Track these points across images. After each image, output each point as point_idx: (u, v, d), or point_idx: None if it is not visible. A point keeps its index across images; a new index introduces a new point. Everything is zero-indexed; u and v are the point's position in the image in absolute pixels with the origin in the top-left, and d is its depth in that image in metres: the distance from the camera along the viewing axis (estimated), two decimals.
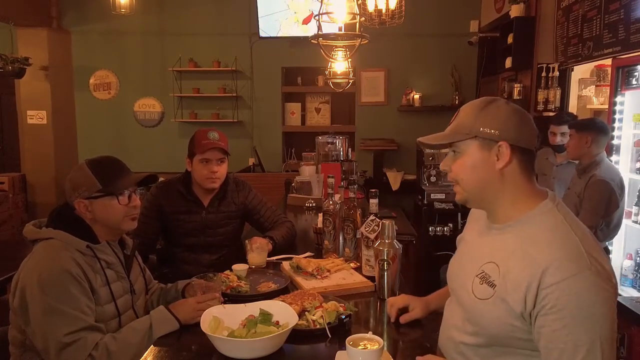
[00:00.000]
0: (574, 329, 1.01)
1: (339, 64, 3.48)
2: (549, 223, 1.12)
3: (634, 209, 2.92)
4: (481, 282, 1.17)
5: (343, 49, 2.58)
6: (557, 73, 3.83)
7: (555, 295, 1.02)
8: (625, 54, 3.01)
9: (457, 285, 1.28)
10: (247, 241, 2.15)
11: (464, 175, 1.20)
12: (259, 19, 5.59)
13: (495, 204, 1.20)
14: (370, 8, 3.29)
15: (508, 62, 4.43)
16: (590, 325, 1.01)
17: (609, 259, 1.10)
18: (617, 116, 3.00)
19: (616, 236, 3.04)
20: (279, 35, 5.66)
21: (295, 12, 5.59)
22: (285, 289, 1.79)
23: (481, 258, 1.20)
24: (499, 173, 1.16)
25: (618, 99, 2.99)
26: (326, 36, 2.23)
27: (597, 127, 2.94)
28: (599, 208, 2.79)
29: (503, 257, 1.14)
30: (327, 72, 3.82)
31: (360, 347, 1.20)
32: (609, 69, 3.27)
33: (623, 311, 2.51)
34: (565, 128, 3.31)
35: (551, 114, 3.77)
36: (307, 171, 3.89)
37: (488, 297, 1.14)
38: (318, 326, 1.42)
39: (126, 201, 1.59)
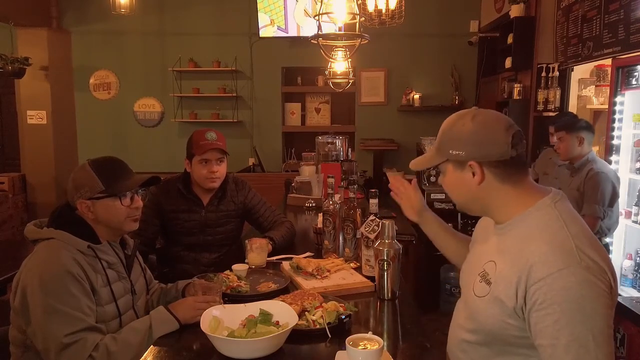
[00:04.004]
0: (565, 324, 1.00)
1: (339, 64, 3.47)
2: (542, 219, 1.13)
3: (634, 209, 2.92)
4: (481, 281, 1.19)
5: (343, 49, 2.58)
6: (557, 73, 3.83)
7: (543, 291, 1.03)
8: (625, 54, 3.01)
9: (464, 286, 1.31)
10: (247, 241, 2.14)
11: (450, 192, 1.28)
12: (259, 19, 5.59)
13: (488, 210, 1.24)
14: (370, 8, 3.29)
15: (508, 62, 4.43)
16: (581, 320, 1.00)
17: (606, 256, 1.09)
18: (617, 116, 3.00)
19: (616, 236, 3.05)
20: (278, 35, 5.66)
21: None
22: (285, 289, 1.79)
23: (484, 258, 1.22)
24: (478, 187, 1.18)
25: (618, 99, 2.99)
26: (326, 36, 2.22)
27: (585, 126, 3.02)
28: (605, 197, 2.83)
29: (500, 255, 1.17)
30: (327, 72, 3.81)
31: (360, 347, 1.20)
32: (609, 69, 3.27)
33: (623, 311, 2.51)
34: None
35: (551, 114, 3.77)
36: (307, 171, 3.89)
37: (484, 295, 1.16)
38: (318, 326, 1.42)
39: (128, 202, 1.59)
